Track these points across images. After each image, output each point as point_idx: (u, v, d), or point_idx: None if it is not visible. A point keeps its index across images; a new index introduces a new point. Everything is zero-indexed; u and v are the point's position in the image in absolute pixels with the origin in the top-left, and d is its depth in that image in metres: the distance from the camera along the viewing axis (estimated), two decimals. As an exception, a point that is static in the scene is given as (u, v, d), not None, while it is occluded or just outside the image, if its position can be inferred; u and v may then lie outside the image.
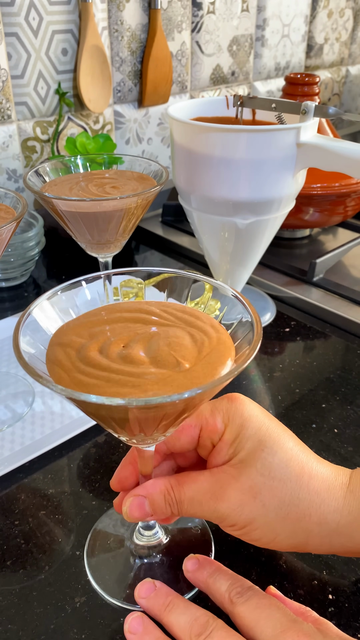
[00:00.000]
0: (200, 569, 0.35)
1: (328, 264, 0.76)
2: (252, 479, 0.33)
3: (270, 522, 0.33)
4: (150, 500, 0.34)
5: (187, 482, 0.34)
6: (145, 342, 0.31)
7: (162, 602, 0.33)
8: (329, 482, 0.34)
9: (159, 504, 0.34)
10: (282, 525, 0.33)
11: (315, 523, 0.33)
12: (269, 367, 0.60)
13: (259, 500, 0.33)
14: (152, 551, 0.40)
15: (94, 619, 0.36)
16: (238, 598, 0.32)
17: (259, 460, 0.33)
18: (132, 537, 0.41)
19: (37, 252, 0.75)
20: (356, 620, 0.36)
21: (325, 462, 0.35)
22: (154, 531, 0.40)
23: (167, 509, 0.34)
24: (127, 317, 0.33)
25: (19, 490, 0.45)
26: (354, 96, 1.50)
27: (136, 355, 0.30)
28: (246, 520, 0.33)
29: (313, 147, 0.53)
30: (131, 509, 0.34)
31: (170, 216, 0.93)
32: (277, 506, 0.33)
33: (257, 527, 0.33)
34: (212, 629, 0.31)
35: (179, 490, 0.34)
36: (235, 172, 0.54)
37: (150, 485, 0.34)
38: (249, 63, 1.16)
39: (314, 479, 0.33)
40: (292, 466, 0.33)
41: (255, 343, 0.29)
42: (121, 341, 0.31)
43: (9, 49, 0.79)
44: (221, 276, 0.66)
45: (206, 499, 0.33)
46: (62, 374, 0.29)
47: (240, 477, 0.33)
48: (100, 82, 0.89)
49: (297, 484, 0.33)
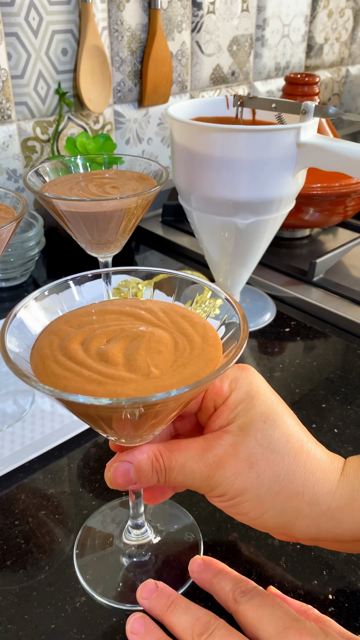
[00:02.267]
0: (205, 570, 0.36)
1: (328, 264, 0.76)
2: (250, 448, 0.32)
3: (262, 495, 0.32)
4: (136, 466, 0.33)
5: (178, 449, 0.33)
6: (127, 341, 0.31)
7: (163, 602, 0.33)
8: (324, 464, 0.34)
9: (146, 471, 0.33)
10: (273, 500, 0.33)
11: (307, 502, 0.33)
12: (269, 367, 0.60)
13: (255, 471, 0.32)
14: (141, 550, 0.40)
15: (94, 619, 0.36)
16: (242, 597, 0.32)
17: (259, 431, 0.33)
18: (121, 535, 0.41)
19: (37, 252, 0.75)
20: (356, 620, 0.36)
21: (322, 446, 0.35)
22: (143, 530, 0.40)
23: (153, 477, 0.33)
24: (122, 311, 0.33)
25: (19, 490, 0.45)
26: (354, 96, 1.50)
27: (113, 355, 0.30)
28: (237, 491, 0.32)
29: (313, 147, 0.53)
30: (115, 475, 0.33)
31: (170, 216, 0.93)
32: (272, 479, 0.32)
33: (247, 500, 0.33)
34: (213, 628, 0.31)
35: (169, 457, 0.33)
36: (236, 172, 0.54)
37: (138, 451, 0.33)
38: (249, 63, 1.16)
39: (311, 458, 0.33)
40: (292, 442, 0.33)
41: (236, 349, 0.29)
42: (105, 336, 0.31)
43: (9, 49, 0.79)
44: (221, 276, 0.66)
45: (199, 466, 0.32)
46: (38, 361, 0.30)
47: (238, 445, 0.32)
48: (100, 82, 0.89)
49: (295, 460, 0.33)
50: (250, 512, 0.33)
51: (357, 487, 0.33)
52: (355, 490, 0.33)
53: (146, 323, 0.32)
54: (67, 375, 0.28)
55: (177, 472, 0.33)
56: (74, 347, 0.30)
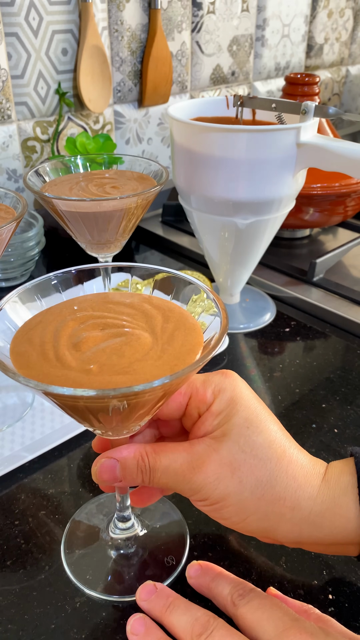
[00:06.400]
0: (202, 575, 0.36)
1: (328, 264, 0.77)
2: (233, 454, 0.33)
3: (244, 500, 0.33)
4: (122, 464, 0.33)
5: (164, 450, 0.33)
6: (102, 339, 0.31)
7: (162, 603, 0.34)
8: (306, 469, 0.34)
9: (131, 470, 0.33)
10: (255, 505, 0.33)
11: (289, 507, 0.33)
12: (269, 367, 0.60)
13: (237, 476, 0.33)
14: (128, 542, 0.40)
15: (94, 619, 0.36)
16: (240, 600, 0.32)
17: (242, 437, 0.33)
18: (107, 529, 0.41)
19: (37, 252, 0.75)
20: (356, 620, 0.36)
21: (304, 451, 0.35)
22: (130, 523, 0.40)
23: (138, 476, 0.33)
24: (115, 309, 0.34)
25: (19, 490, 0.45)
26: (354, 96, 1.50)
27: (85, 348, 0.30)
28: (220, 496, 0.33)
29: (313, 147, 0.53)
30: (101, 471, 0.33)
31: (170, 216, 0.93)
32: (254, 485, 0.33)
33: (229, 505, 0.33)
34: (213, 628, 0.31)
35: (154, 458, 0.33)
36: (235, 172, 0.54)
37: (125, 449, 0.33)
38: (249, 63, 1.16)
39: (293, 464, 0.33)
40: (275, 448, 0.33)
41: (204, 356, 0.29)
42: (87, 329, 0.32)
43: (9, 49, 0.79)
44: (221, 276, 0.66)
45: (182, 469, 0.33)
46: (14, 339, 0.31)
47: (221, 451, 0.33)
48: (100, 82, 0.89)
49: (277, 466, 0.33)
50: (233, 517, 0.34)
51: (337, 492, 0.33)
52: (336, 495, 0.33)
53: (131, 325, 0.33)
54: (32, 359, 0.29)
55: (161, 473, 0.33)
56: (50, 330, 0.31)
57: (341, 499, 0.33)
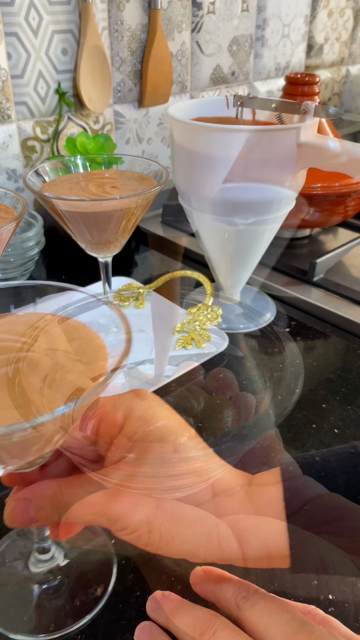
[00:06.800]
0: (206, 581, 0.34)
1: (328, 264, 0.76)
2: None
3: (165, 524, 0.30)
4: (35, 504, 0.31)
5: (79, 483, 0.31)
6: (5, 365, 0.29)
7: (167, 609, 0.32)
8: (227, 484, 0.32)
9: (45, 509, 0.31)
10: (177, 529, 0.30)
11: (212, 526, 0.31)
12: (269, 367, 0.60)
13: (154, 499, 0.30)
14: (49, 575, 0.38)
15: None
16: (244, 603, 0.31)
17: (157, 458, 0.31)
18: (27, 563, 0.38)
19: (37, 252, 0.75)
20: (356, 620, 0.35)
21: (228, 465, 0.33)
22: (50, 554, 0.38)
23: (54, 515, 0.31)
24: (16, 330, 0.31)
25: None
26: (354, 96, 1.50)
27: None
28: (139, 523, 0.30)
29: (313, 147, 0.53)
30: (14, 513, 0.31)
31: (170, 216, 0.93)
32: (173, 507, 0.31)
33: (150, 530, 0.30)
34: (215, 628, 0.30)
35: (69, 493, 0.31)
36: (235, 172, 0.54)
37: (37, 487, 0.31)
38: (249, 63, 1.16)
39: (214, 480, 0.32)
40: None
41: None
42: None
43: (9, 48, 0.79)
44: (221, 276, 0.66)
45: (97, 499, 0.30)
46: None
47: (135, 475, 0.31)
48: (100, 82, 0.89)
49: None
50: (155, 543, 0.31)
51: (261, 507, 0.31)
52: (259, 509, 0.31)
53: (29, 349, 0.30)
54: None
55: (77, 507, 0.30)
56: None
57: (267, 513, 0.31)
